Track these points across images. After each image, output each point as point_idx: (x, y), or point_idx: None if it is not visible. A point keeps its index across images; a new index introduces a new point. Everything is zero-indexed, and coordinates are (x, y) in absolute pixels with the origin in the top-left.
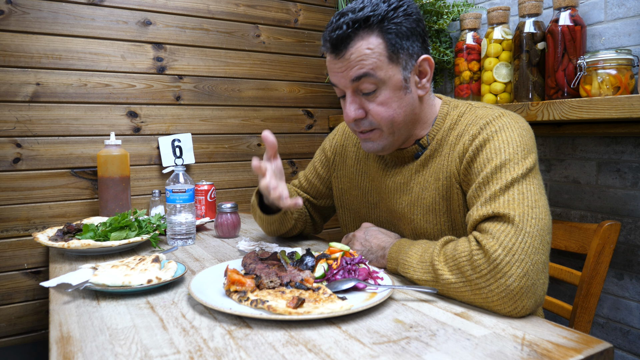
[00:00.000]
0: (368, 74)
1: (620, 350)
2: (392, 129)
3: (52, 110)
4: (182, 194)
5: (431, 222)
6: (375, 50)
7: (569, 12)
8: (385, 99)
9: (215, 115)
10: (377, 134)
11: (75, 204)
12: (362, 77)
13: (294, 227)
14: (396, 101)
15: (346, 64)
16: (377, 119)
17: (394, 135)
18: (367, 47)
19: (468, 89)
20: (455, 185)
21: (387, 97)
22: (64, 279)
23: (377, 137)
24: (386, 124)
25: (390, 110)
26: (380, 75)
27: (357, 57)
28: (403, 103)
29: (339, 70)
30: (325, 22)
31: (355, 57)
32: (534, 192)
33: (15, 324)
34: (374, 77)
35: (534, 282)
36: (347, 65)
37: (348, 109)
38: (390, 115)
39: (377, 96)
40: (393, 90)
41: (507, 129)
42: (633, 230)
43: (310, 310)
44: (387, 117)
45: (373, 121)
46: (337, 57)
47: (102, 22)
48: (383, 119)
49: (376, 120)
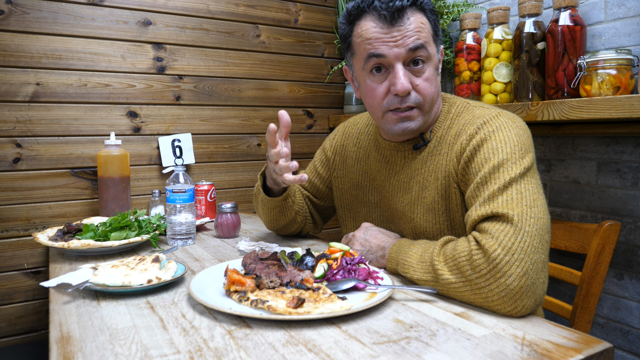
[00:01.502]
0: (424, 46)
1: (620, 350)
2: (431, 106)
3: (52, 110)
4: (182, 194)
5: (430, 221)
6: (426, 26)
7: (569, 12)
8: (429, 75)
9: (215, 115)
10: (416, 112)
11: (75, 204)
12: (419, 48)
13: (294, 220)
14: (435, 79)
15: (403, 33)
16: (423, 93)
17: (428, 115)
18: (421, 22)
19: (468, 89)
20: (453, 185)
21: (431, 74)
22: (64, 279)
23: (417, 115)
24: (429, 101)
25: (433, 87)
26: (430, 51)
27: (415, 28)
28: (437, 83)
29: (392, 40)
30: (325, 22)
31: (414, 28)
32: (532, 191)
33: (15, 324)
34: (426, 51)
35: (533, 282)
36: (404, 34)
37: (402, 79)
38: (433, 92)
39: (424, 71)
40: (434, 68)
41: (504, 128)
42: (633, 230)
43: (310, 310)
44: (431, 93)
45: (418, 97)
46: (392, 26)
47: (102, 22)
48: (428, 95)
49: (422, 95)
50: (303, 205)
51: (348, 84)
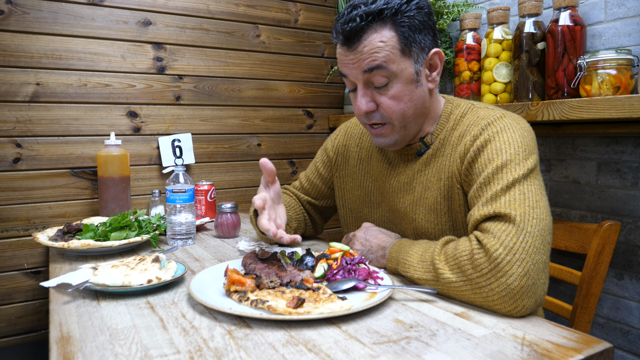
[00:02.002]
0: (380, 67)
1: (620, 350)
2: (403, 122)
3: (52, 110)
4: (182, 194)
5: (432, 222)
6: (388, 43)
7: (569, 12)
8: (396, 92)
9: (215, 115)
10: (388, 128)
11: (75, 204)
12: (375, 70)
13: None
14: (407, 95)
15: (358, 56)
16: (388, 112)
17: (405, 129)
18: (380, 40)
19: (468, 89)
20: (457, 186)
21: (399, 91)
22: (64, 279)
23: (389, 132)
24: (397, 118)
25: (402, 104)
26: (393, 69)
27: (370, 50)
28: (414, 97)
29: (350, 62)
30: (325, 22)
31: (368, 50)
32: (535, 192)
33: (15, 324)
34: (386, 70)
35: (534, 282)
36: (359, 57)
37: (360, 101)
38: (402, 109)
39: (389, 90)
40: (405, 83)
41: (508, 129)
42: (633, 230)
43: (310, 310)
44: (398, 110)
45: (384, 114)
46: (350, 50)
47: (102, 22)
48: (394, 113)
49: (387, 114)
50: (301, 219)
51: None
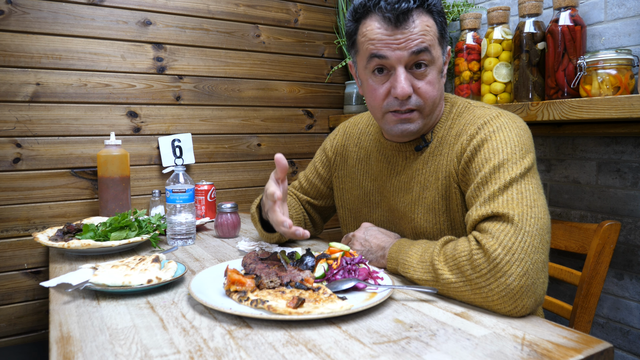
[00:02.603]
0: (427, 49)
1: (620, 350)
2: (432, 109)
3: (52, 110)
4: (182, 194)
5: (431, 221)
6: (432, 29)
7: (569, 12)
8: (432, 78)
9: (215, 115)
10: (416, 115)
11: (75, 204)
12: (423, 51)
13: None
14: (438, 82)
15: (407, 35)
16: (424, 97)
17: (427, 118)
18: (426, 24)
19: (468, 89)
20: (454, 185)
21: (434, 77)
22: (64, 279)
23: (417, 118)
24: (430, 104)
25: (435, 91)
26: (434, 54)
27: (420, 31)
28: (441, 85)
29: (395, 42)
30: (325, 22)
31: (419, 31)
32: (532, 191)
33: (15, 324)
34: (430, 54)
35: (533, 281)
36: (407, 37)
37: (403, 83)
38: (435, 95)
39: (426, 75)
40: (437, 71)
41: (504, 128)
42: (633, 230)
43: (310, 310)
44: (432, 96)
45: (419, 100)
46: (397, 28)
47: (102, 22)
48: (429, 98)
49: (423, 99)
50: (301, 218)
51: (348, 84)
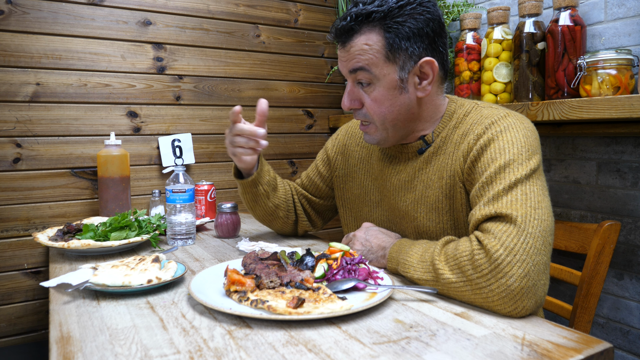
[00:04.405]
0: (363, 69)
1: (620, 350)
2: (385, 125)
3: (52, 110)
4: (182, 194)
5: (434, 220)
6: (373, 47)
7: (569, 12)
8: (377, 95)
9: (215, 115)
10: (372, 128)
11: (75, 204)
12: (358, 70)
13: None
14: (389, 99)
15: (346, 55)
16: (370, 112)
17: (388, 132)
18: (365, 43)
19: (468, 89)
20: (459, 184)
21: (380, 94)
22: (64, 279)
23: (373, 131)
24: (378, 120)
25: (383, 108)
26: (375, 72)
27: (355, 51)
28: (397, 102)
29: (342, 59)
30: (325, 22)
31: (354, 50)
32: (537, 193)
33: (15, 324)
34: (368, 73)
35: (534, 283)
36: (347, 56)
37: (344, 97)
38: (382, 112)
39: (372, 91)
40: (387, 88)
41: (512, 129)
42: (633, 230)
43: (310, 310)
44: (378, 112)
45: (367, 114)
46: (342, 47)
47: (102, 22)
48: (375, 114)
49: (370, 114)
50: (287, 200)
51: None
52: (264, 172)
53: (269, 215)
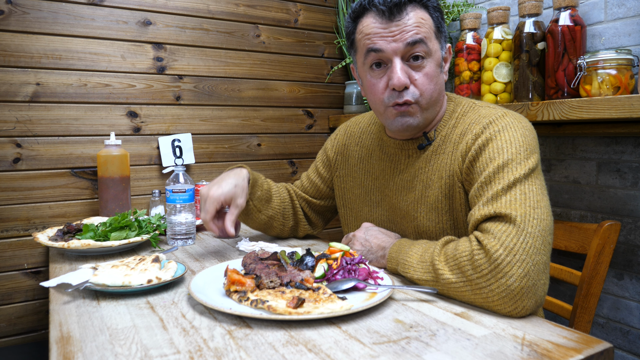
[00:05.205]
0: (423, 41)
1: (620, 350)
2: (429, 103)
3: (52, 110)
4: (182, 194)
5: (433, 220)
6: (427, 22)
7: (569, 12)
8: (430, 70)
9: (215, 115)
10: (415, 108)
11: (75, 204)
12: (417, 43)
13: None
14: (436, 76)
15: (402, 27)
16: (421, 89)
17: (427, 112)
18: (421, 17)
19: (468, 89)
20: (458, 184)
21: (432, 70)
22: (64, 279)
23: (416, 111)
24: (427, 97)
25: (432, 84)
26: (430, 46)
27: (414, 23)
28: (439, 81)
29: (390, 35)
30: (325, 22)
31: (413, 23)
32: (536, 192)
33: (15, 324)
34: (426, 46)
35: (534, 283)
36: (402, 29)
37: (399, 73)
38: (432, 88)
39: (424, 67)
40: (436, 65)
41: (510, 128)
42: (633, 230)
43: (310, 310)
44: (430, 89)
45: (416, 92)
46: (391, 21)
47: (102, 22)
48: (427, 91)
49: (420, 91)
50: (283, 208)
51: (348, 84)
52: (256, 187)
53: (262, 226)
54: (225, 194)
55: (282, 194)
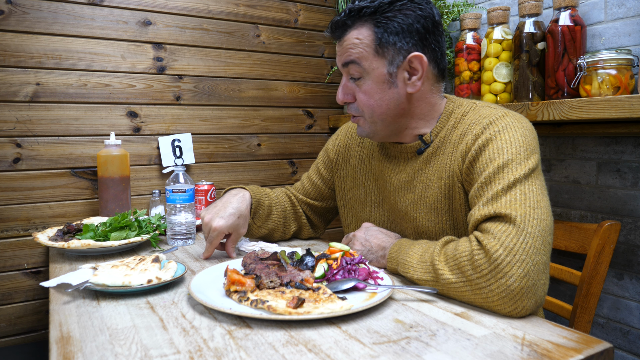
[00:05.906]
0: (354, 62)
1: (620, 350)
2: (373, 118)
3: (52, 110)
4: (182, 194)
5: (433, 220)
6: (363, 41)
7: (569, 12)
8: (367, 88)
9: (215, 115)
10: (362, 120)
11: (75, 204)
12: (349, 64)
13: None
14: (378, 93)
15: (340, 49)
16: (360, 105)
17: (377, 125)
18: (356, 37)
19: (468, 89)
20: (457, 184)
21: (370, 88)
22: (64, 279)
23: (363, 124)
24: (367, 113)
25: (372, 101)
26: (365, 66)
27: (347, 45)
28: (385, 96)
29: (337, 54)
30: (325, 22)
31: (347, 45)
32: (536, 192)
33: (15, 324)
34: (359, 66)
35: (534, 283)
36: (341, 50)
37: (339, 91)
38: (371, 105)
39: (362, 85)
40: (376, 82)
41: (510, 129)
42: (633, 230)
43: (310, 310)
44: (368, 105)
45: (357, 108)
46: (339, 41)
47: (102, 22)
48: (365, 107)
49: (360, 107)
50: (285, 218)
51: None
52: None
53: (263, 237)
54: (228, 227)
55: (282, 204)
